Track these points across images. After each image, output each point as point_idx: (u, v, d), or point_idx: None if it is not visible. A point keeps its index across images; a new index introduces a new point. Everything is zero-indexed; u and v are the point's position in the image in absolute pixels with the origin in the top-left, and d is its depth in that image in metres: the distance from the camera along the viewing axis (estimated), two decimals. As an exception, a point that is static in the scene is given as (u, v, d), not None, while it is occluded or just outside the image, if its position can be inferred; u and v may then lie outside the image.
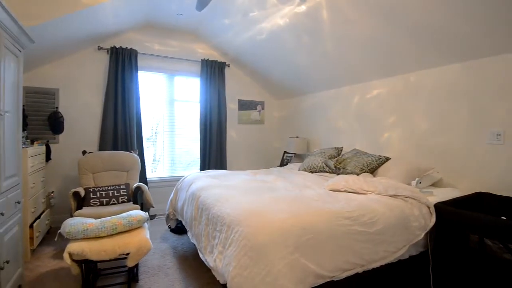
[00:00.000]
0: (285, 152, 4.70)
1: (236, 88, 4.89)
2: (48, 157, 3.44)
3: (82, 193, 2.94)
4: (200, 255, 2.08)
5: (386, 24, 2.51)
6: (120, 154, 3.46)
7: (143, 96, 4.10)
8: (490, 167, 2.32)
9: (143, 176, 3.96)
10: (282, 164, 4.57)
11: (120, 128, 3.81)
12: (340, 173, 2.97)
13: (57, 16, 2.55)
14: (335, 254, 1.66)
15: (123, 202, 3.07)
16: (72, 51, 3.63)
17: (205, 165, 4.48)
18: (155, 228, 3.51)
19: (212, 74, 4.51)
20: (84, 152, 3.37)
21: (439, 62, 2.64)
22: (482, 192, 2.28)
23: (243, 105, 5.01)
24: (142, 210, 2.92)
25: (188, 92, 4.60)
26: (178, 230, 3.29)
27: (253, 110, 5.11)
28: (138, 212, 2.36)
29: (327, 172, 3.16)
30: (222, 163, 4.60)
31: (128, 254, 2.06)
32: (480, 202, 2.24)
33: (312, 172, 3.31)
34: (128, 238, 2.11)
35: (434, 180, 2.60)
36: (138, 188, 3.15)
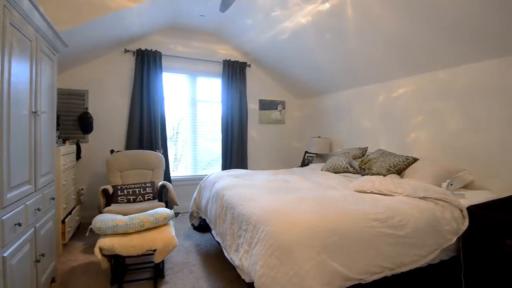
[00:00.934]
0: (306, 152, 4.65)
1: (257, 88, 4.90)
2: (78, 155, 3.60)
3: (111, 190, 3.05)
4: (225, 253, 2.09)
5: (413, 20, 2.42)
6: (145, 153, 3.56)
7: (166, 97, 4.19)
8: (528, 169, 2.19)
9: (167, 175, 4.05)
10: (303, 164, 4.53)
11: (146, 128, 3.92)
12: (365, 174, 2.91)
13: (87, 20, 2.66)
14: (363, 256, 1.62)
15: (148, 199, 3.15)
16: (100, 54, 3.77)
17: (226, 164, 4.52)
18: (179, 225, 3.58)
19: (234, 74, 4.55)
20: (112, 151, 3.49)
21: (471, 58, 2.52)
22: (518, 195, 2.16)
23: (264, 105, 5.01)
24: (166, 207, 2.98)
25: (210, 92, 4.66)
26: (201, 228, 3.33)
27: (274, 110, 5.10)
28: (164, 210, 2.43)
29: (351, 172, 3.10)
30: (243, 163, 4.62)
31: (154, 250, 2.12)
32: (516, 205, 2.12)
33: (335, 172, 3.25)
34: (155, 235, 2.17)
35: (466, 182, 2.49)
36: (163, 186, 3.23)
